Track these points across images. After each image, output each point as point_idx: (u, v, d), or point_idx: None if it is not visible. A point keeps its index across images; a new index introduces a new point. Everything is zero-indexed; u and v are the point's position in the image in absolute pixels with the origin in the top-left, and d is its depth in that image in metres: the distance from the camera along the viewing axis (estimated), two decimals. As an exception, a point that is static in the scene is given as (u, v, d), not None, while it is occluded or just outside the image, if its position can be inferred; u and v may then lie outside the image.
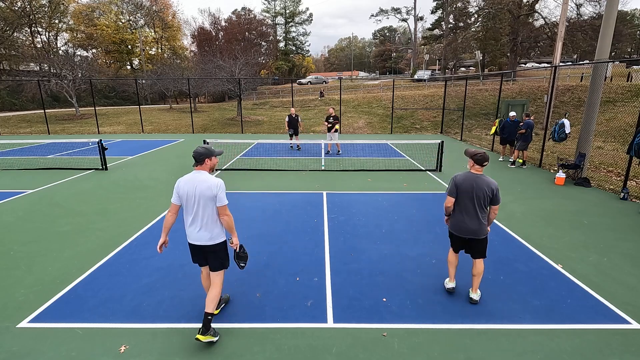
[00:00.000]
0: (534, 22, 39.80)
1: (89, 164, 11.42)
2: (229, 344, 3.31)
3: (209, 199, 3.26)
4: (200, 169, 3.35)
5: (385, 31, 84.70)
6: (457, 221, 3.83)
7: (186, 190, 3.29)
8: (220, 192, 3.29)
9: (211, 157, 3.38)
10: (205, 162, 3.35)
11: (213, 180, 3.29)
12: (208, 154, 3.36)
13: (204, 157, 3.33)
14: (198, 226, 3.32)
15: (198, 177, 3.29)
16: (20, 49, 37.69)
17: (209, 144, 10.63)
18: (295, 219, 6.51)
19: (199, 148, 3.34)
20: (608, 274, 4.55)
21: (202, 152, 3.33)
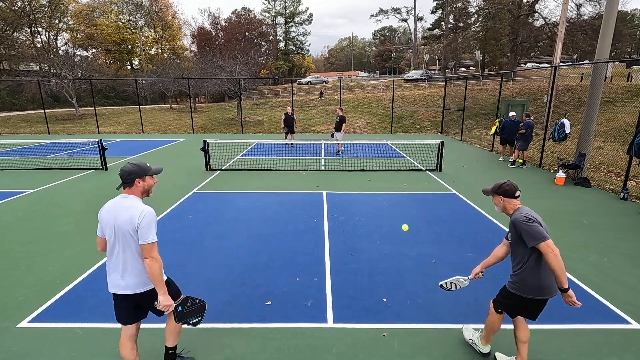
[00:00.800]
0: (534, 22, 39.83)
1: (89, 164, 11.42)
2: (229, 344, 3.31)
3: (129, 234, 2.44)
4: (128, 193, 2.54)
5: (385, 31, 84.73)
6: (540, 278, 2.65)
7: (106, 221, 2.50)
8: (145, 226, 2.42)
9: (144, 177, 2.56)
10: (136, 184, 2.53)
11: (139, 209, 2.45)
12: (139, 173, 2.53)
13: (133, 177, 2.51)
14: (119, 272, 2.52)
15: (122, 202, 2.50)
16: (20, 49, 37.69)
17: (209, 143, 10.65)
18: (295, 219, 6.51)
19: (128, 165, 2.53)
20: (608, 274, 4.55)
21: (131, 170, 2.51)
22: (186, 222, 6.35)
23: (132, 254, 2.49)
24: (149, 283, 2.55)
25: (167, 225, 6.21)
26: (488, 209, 7.07)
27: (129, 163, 2.56)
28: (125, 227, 2.44)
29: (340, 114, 13.00)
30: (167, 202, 7.53)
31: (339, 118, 12.93)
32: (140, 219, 2.42)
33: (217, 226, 6.16)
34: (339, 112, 13.07)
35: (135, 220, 2.42)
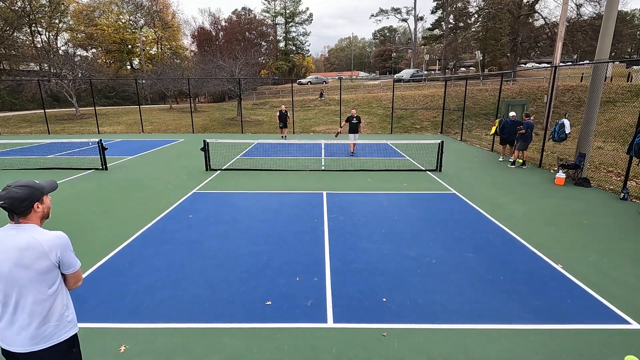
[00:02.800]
0: (534, 22, 39.84)
1: (89, 164, 11.41)
2: (229, 344, 3.31)
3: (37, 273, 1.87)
4: (23, 222, 1.94)
5: (385, 31, 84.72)
6: None
7: None
8: (67, 254, 2.02)
9: (41, 199, 2.02)
10: (34, 210, 1.98)
11: (48, 240, 1.95)
12: (36, 196, 1.96)
13: (29, 203, 1.93)
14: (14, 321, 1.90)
15: (15, 238, 1.87)
16: (20, 48, 37.69)
17: (208, 143, 10.65)
18: (296, 219, 6.51)
19: (14, 189, 1.90)
20: (608, 274, 4.55)
21: (24, 196, 1.90)
22: (186, 222, 6.35)
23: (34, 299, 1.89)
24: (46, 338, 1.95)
25: (167, 225, 6.21)
26: (488, 209, 7.08)
27: (13, 187, 1.91)
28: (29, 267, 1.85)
29: (356, 114, 12.78)
30: (167, 202, 7.53)
31: (356, 119, 12.67)
32: (57, 251, 1.94)
33: (217, 226, 6.16)
34: (354, 113, 12.77)
35: (51, 256, 1.91)
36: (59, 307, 2.02)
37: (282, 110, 16.47)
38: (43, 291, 1.92)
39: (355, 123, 12.72)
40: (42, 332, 1.94)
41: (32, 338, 1.92)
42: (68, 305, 2.11)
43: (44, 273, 1.91)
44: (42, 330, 1.94)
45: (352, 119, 12.72)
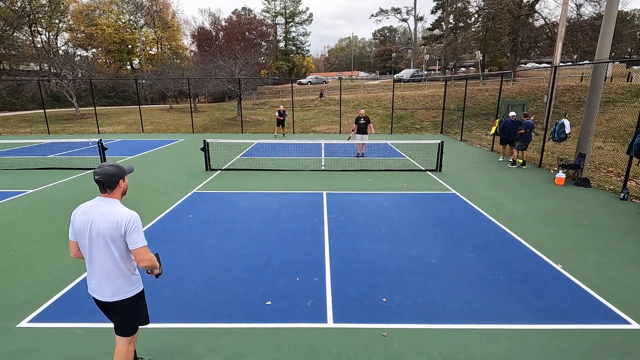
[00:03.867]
0: (534, 22, 39.84)
1: (89, 164, 11.41)
2: (229, 344, 3.31)
3: (110, 239, 2.36)
4: (109, 197, 2.43)
5: (385, 31, 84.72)
6: None
7: (82, 224, 2.39)
8: (134, 231, 2.36)
9: (124, 178, 2.49)
10: (119, 186, 2.45)
11: (124, 214, 2.37)
12: (121, 174, 2.45)
13: (117, 179, 2.42)
14: (96, 276, 2.46)
15: (102, 207, 2.38)
16: (20, 48, 37.69)
17: (208, 143, 10.66)
18: (295, 219, 6.51)
19: (108, 167, 2.40)
20: (608, 274, 4.55)
21: (114, 173, 2.40)
22: (186, 222, 6.35)
23: (111, 260, 2.40)
24: (117, 293, 2.48)
25: (167, 225, 6.21)
26: (488, 209, 7.08)
27: (106, 166, 2.41)
28: (106, 233, 2.34)
29: (365, 114, 12.46)
30: (167, 202, 7.53)
31: (364, 119, 12.34)
32: (127, 224, 2.35)
33: (217, 226, 6.16)
34: (362, 113, 12.45)
35: (121, 226, 2.34)
36: (129, 269, 2.50)
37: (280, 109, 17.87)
38: (113, 253, 2.40)
39: (363, 124, 12.37)
40: (117, 287, 2.46)
41: (110, 291, 2.46)
42: (136, 268, 2.58)
43: (115, 240, 2.37)
44: (116, 286, 2.46)
45: (359, 119, 12.44)
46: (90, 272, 2.48)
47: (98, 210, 2.37)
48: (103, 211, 2.36)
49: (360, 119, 12.45)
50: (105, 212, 2.36)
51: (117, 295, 2.48)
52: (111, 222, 2.33)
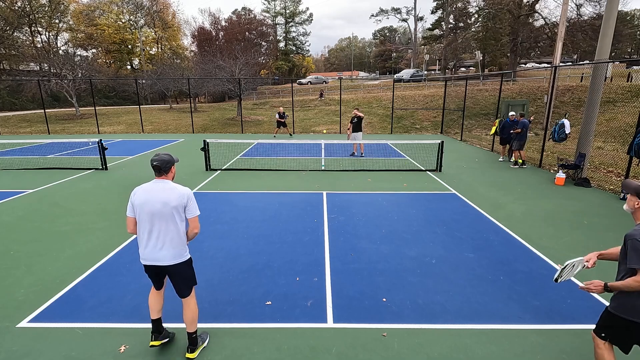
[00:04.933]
0: (534, 22, 39.86)
1: (89, 164, 11.41)
2: (229, 344, 3.31)
3: (175, 210, 2.90)
4: (164, 179, 2.99)
5: (385, 31, 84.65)
6: None
7: (145, 200, 2.88)
8: (192, 202, 2.97)
9: (174, 164, 3.09)
10: (172, 170, 3.03)
11: (182, 189, 2.96)
12: (173, 161, 3.04)
13: (171, 165, 3.01)
14: (160, 243, 2.92)
15: (162, 185, 2.93)
16: (20, 48, 37.68)
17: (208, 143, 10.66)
18: (295, 219, 6.51)
19: (164, 155, 3.00)
20: (608, 274, 4.54)
21: (169, 160, 2.99)
22: (186, 222, 6.34)
23: (175, 228, 2.92)
24: (177, 256, 2.97)
25: (167, 225, 6.20)
26: (488, 209, 7.08)
27: (161, 154, 3.01)
28: (171, 205, 2.86)
29: (359, 114, 12.52)
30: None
31: (357, 119, 12.43)
32: (187, 197, 2.93)
33: (217, 226, 6.16)
34: (357, 113, 12.51)
35: (184, 198, 2.91)
36: (184, 237, 3.02)
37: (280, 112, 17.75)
38: (177, 223, 2.92)
39: (356, 123, 12.51)
40: (177, 252, 2.96)
41: (172, 255, 2.94)
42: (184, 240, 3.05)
43: (179, 210, 2.91)
44: (177, 251, 2.96)
45: (353, 119, 12.58)
46: (149, 243, 2.93)
47: (161, 188, 2.90)
48: (166, 187, 2.91)
49: (353, 118, 12.58)
50: (169, 188, 2.90)
51: (178, 258, 2.97)
52: (177, 195, 2.88)
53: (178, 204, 2.89)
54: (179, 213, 2.92)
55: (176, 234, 2.93)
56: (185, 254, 3.03)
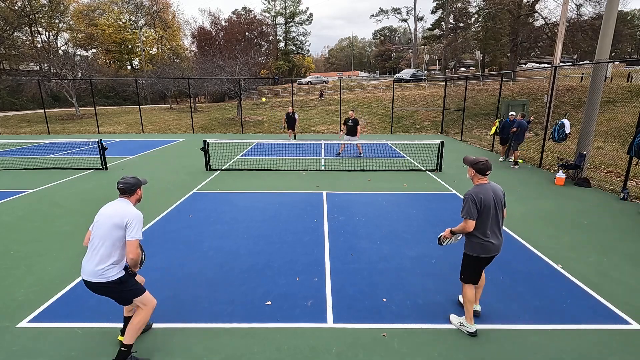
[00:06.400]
0: (534, 22, 39.85)
1: (89, 164, 11.41)
2: (229, 343, 3.31)
3: (115, 228, 2.86)
4: (126, 199, 3.05)
5: (385, 31, 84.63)
6: (486, 241, 3.29)
7: (99, 213, 2.98)
8: (134, 225, 2.86)
9: (141, 187, 3.14)
10: (137, 193, 3.10)
11: (131, 210, 2.95)
12: (139, 184, 3.11)
13: (136, 188, 3.08)
14: (92, 257, 2.87)
15: (119, 203, 2.99)
16: (20, 48, 37.66)
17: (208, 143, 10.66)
18: (295, 219, 6.51)
19: (129, 178, 3.08)
20: (608, 274, 4.55)
21: (134, 183, 3.07)
22: (186, 222, 6.35)
23: (109, 244, 2.85)
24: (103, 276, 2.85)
25: (167, 225, 6.21)
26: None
27: (128, 177, 3.10)
28: (113, 221, 2.85)
29: (353, 116, 12.51)
30: (167, 202, 7.53)
31: (352, 122, 12.41)
32: (131, 218, 2.87)
33: (217, 226, 6.16)
34: (351, 115, 12.50)
35: (126, 218, 2.87)
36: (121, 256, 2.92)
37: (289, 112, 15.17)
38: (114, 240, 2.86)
39: (351, 126, 12.47)
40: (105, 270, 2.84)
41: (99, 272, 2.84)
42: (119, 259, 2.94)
43: (117, 228, 2.85)
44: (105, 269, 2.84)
45: (347, 121, 12.53)
46: (86, 255, 2.91)
47: (115, 204, 2.98)
48: (119, 204, 2.97)
49: (348, 120, 12.53)
50: (120, 206, 2.95)
51: (101, 277, 2.86)
52: (121, 213, 2.89)
53: (119, 222, 2.85)
54: (117, 231, 2.85)
55: (109, 251, 2.85)
56: (112, 275, 2.87)
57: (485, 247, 3.31)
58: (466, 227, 3.25)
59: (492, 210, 3.26)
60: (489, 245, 3.30)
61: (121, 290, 2.95)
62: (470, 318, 3.43)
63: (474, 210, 3.20)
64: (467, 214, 3.23)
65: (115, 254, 2.88)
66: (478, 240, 3.30)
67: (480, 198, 3.21)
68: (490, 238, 3.30)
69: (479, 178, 3.32)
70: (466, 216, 3.23)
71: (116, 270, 2.90)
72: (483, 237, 3.28)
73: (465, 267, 3.45)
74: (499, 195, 3.31)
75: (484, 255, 3.33)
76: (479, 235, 3.28)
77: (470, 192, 3.26)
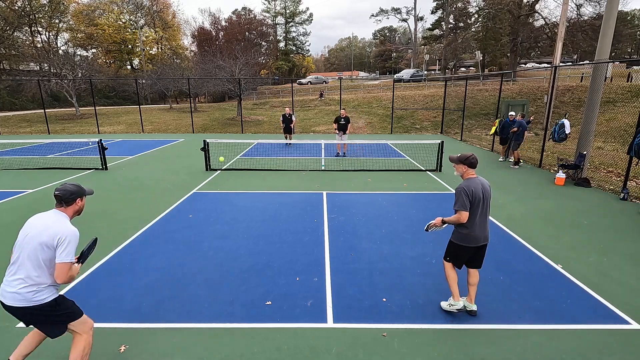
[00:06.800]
0: (534, 22, 39.87)
1: (89, 164, 11.41)
2: (229, 344, 3.31)
3: (42, 247, 2.42)
4: (62, 211, 2.60)
5: (385, 31, 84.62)
6: (471, 231, 3.48)
7: (25, 225, 2.54)
8: (65, 246, 2.43)
9: (82, 197, 2.68)
10: (76, 203, 2.66)
11: (65, 228, 2.49)
12: (79, 193, 2.65)
13: (75, 197, 2.62)
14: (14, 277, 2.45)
15: (52, 217, 2.54)
16: (20, 48, 37.67)
17: (208, 143, 10.66)
18: (295, 219, 6.50)
19: (69, 185, 2.63)
20: (608, 274, 4.55)
21: (73, 191, 2.60)
22: (186, 222, 6.35)
23: (34, 266, 2.43)
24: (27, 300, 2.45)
25: (167, 225, 6.21)
26: (488, 209, 7.08)
27: (68, 184, 2.66)
28: (41, 239, 2.42)
29: (345, 114, 12.71)
30: (167, 202, 7.53)
31: (344, 120, 12.62)
32: (62, 238, 2.44)
33: (217, 226, 6.16)
34: (343, 114, 12.72)
35: (57, 237, 2.43)
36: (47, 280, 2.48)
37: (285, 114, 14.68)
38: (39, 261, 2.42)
39: (343, 124, 12.66)
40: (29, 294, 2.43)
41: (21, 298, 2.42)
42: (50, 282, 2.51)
43: (44, 249, 2.42)
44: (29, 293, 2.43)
45: (339, 119, 12.70)
46: (7, 274, 2.49)
47: (47, 218, 2.54)
48: (52, 219, 2.52)
49: (340, 119, 12.68)
50: (52, 221, 2.50)
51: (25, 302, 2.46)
52: (53, 231, 2.44)
53: (47, 241, 2.42)
54: (46, 251, 2.42)
55: (37, 272, 2.43)
56: (45, 297, 2.48)
57: (472, 238, 3.50)
58: (460, 218, 3.42)
59: (481, 202, 3.44)
60: (476, 236, 3.50)
61: (55, 314, 2.54)
62: (456, 295, 3.66)
63: (467, 202, 3.38)
64: (461, 206, 3.40)
65: (44, 275, 2.46)
66: (466, 231, 3.50)
67: (472, 191, 3.39)
68: (477, 229, 3.48)
69: (469, 172, 3.52)
70: (460, 208, 3.40)
71: (49, 292, 2.50)
72: (471, 228, 3.48)
73: (450, 252, 3.69)
74: (487, 189, 3.50)
75: (469, 245, 3.53)
76: (467, 226, 3.47)
77: (462, 186, 3.43)
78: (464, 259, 3.64)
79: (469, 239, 3.51)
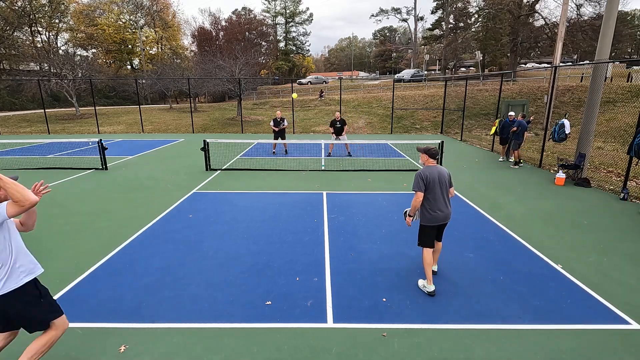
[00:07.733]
0: (534, 22, 39.85)
1: (89, 164, 11.41)
2: (229, 344, 3.31)
3: None
4: None
5: (385, 31, 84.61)
6: (434, 212, 4.07)
7: None
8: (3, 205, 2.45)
9: None
10: None
11: None
12: None
13: None
14: None
15: None
16: (20, 48, 37.68)
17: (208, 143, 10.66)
18: (295, 219, 6.50)
19: None
20: (608, 274, 4.55)
21: None
22: (186, 222, 6.35)
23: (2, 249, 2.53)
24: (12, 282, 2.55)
25: (167, 225, 6.21)
26: (488, 209, 7.08)
27: None
28: None
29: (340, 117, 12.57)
30: (167, 202, 7.53)
31: (339, 122, 12.52)
32: None
33: (217, 226, 6.16)
34: (338, 117, 12.57)
35: None
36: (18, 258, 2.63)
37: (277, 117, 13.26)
38: None
39: (339, 127, 12.56)
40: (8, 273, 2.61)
41: None
42: None
43: None
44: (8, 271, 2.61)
45: (335, 123, 12.59)
46: None
47: None
48: None
49: (335, 122, 12.58)
50: None
51: None
52: None
53: None
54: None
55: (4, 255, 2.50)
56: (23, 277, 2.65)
57: (434, 217, 4.08)
58: (416, 197, 4.02)
59: (437, 186, 4.02)
60: (437, 215, 4.08)
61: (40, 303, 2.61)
62: (429, 279, 4.10)
63: (421, 184, 4.00)
64: (416, 187, 4.04)
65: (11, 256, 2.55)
66: (428, 212, 4.10)
67: (426, 175, 4.00)
68: (438, 210, 4.07)
69: (430, 161, 4.15)
70: (415, 189, 4.05)
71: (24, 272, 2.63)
72: (431, 209, 4.07)
73: (420, 234, 4.22)
74: (444, 175, 4.10)
75: (433, 224, 4.11)
76: (427, 207, 4.09)
77: (420, 171, 4.07)
78: (433, 236, 4.18)
79: (432, 218, 4.09)
